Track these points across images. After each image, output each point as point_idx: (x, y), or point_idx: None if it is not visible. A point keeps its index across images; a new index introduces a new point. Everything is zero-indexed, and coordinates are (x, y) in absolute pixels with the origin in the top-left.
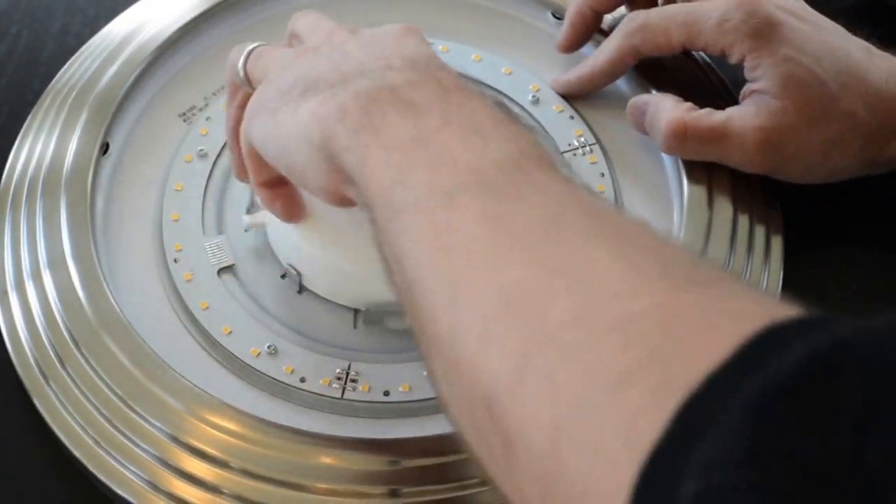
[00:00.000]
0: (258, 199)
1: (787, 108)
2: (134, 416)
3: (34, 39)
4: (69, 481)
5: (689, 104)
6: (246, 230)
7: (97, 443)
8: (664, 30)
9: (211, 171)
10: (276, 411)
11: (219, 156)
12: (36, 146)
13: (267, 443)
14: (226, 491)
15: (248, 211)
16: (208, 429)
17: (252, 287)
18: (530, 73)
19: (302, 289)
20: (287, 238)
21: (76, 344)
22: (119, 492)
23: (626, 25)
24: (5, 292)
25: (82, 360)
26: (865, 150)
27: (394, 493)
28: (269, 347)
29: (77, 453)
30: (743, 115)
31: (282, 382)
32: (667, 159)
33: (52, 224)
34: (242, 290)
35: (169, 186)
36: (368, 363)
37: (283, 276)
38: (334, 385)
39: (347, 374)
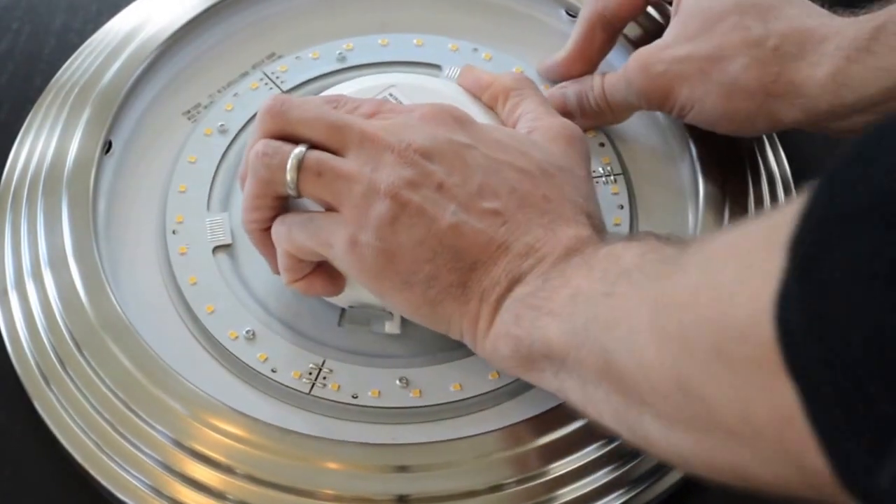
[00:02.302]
0: None
1: (669, 31)
2: (136, 419)
3: (36, 36)
4: (70, 486)
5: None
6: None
7: (99, 447)
8: None
9: (228, 146)
10: (281, 416)
11: (239, 132)
12: (37, 144)
13: (272, 448)
14: (230, 497)
15: None
16: (212, 433)
17: (244, 269)
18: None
19: None
20: None
21: (77, 345)
22: (122, 497)
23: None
24: (5, 292)
25: (83, 362)
26: (757, 72)
27: (402, 500)
28: (247, 332)
29: (78, 458)
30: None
31: (252, 369)
32: (691, 204)
33: (53, 223)
34: (234, 270)
35: (182, 158)
36: (343, 363)
37: None
38: (304, 379)
39: (320, 370)
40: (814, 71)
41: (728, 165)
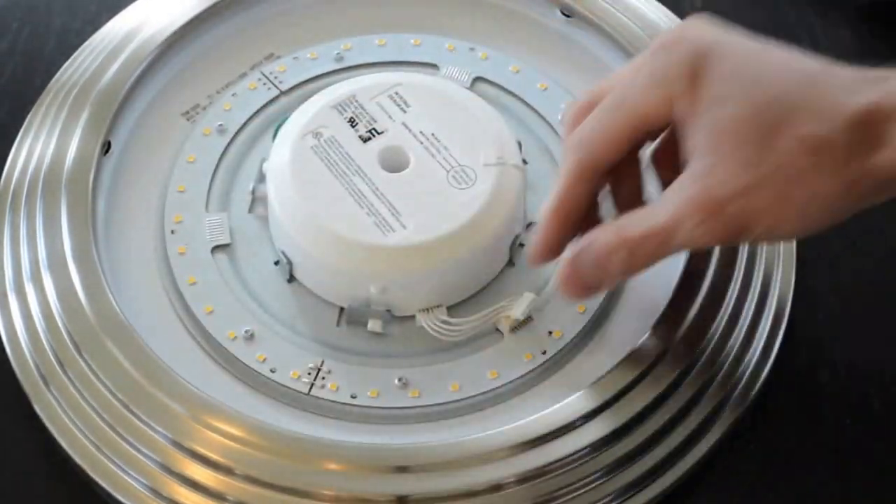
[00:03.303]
0: (264, 168)
1: (715, 162)
2: (136, 420)
3: (35, 36)
4: (70, 488)
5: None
6: None
7: (98, 448)
8: (602, 127)
9: (227, 146)
10: (280, 416)
11: (238, 132)
12: (36, 145)
13: (271, 448)
14: (229, 497)
15: (254, 187)
16: (212, 434)
17: (243, 269)
18: (538, 72)
19: (292, 278)
20: (282, 226)
21: (77, 347)
22: (121, 498)
23: (570, 142)
24: (4, 295)
25: (83, 364)
26: (840, 171)
27: (401, 500)
28: (246, 332)
29: (78, 459)
30: (675, 193)
31: (251, 369)
32: None
33: (52, 225)
34: (233, 270)
35: (181, 158)
36: (342, 363)
37: (276, 263)
38: (304, 379)
39: (319, 370)
40: None
41: None
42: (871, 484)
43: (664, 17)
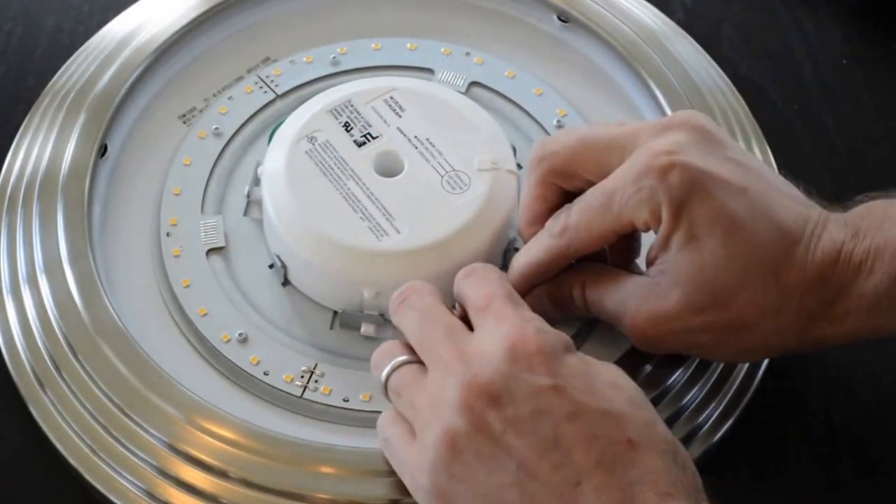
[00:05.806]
0: (259, 172)
1: (669, 296)
2: (131, 424)
3: (27, 36)
4: (65, 490)
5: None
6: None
7: (93, 450)
8: (589, 226)
9: (223, 149)
10: (273, 419)
11: (234, 135)
12: (33, 148)
13: (265, 451)
14: (223, 500)
15: (249, 191)
16: (206, 438)
17: (238, 272)
18: (533, 77)
19: (286, 282)
20: (277, 230)
21: (72, 350)
22: (116, 501)
23: (551, 227)
24: (0, 297)
25: (78, 367)
26: (790, 335)
27: None
28: (239, 335)
29: (73, 462)
30: (634, 298)
31: (245, 372)
32: None
33: (48, 228)
34: (228, 273)
35: (177, 161)
36: (335, 366)
37: (270, 266)
38: (296, 382)
39: (312, 373)
40: (854, 307)
41: None
42: (855, 473)
43: (660, 23)
